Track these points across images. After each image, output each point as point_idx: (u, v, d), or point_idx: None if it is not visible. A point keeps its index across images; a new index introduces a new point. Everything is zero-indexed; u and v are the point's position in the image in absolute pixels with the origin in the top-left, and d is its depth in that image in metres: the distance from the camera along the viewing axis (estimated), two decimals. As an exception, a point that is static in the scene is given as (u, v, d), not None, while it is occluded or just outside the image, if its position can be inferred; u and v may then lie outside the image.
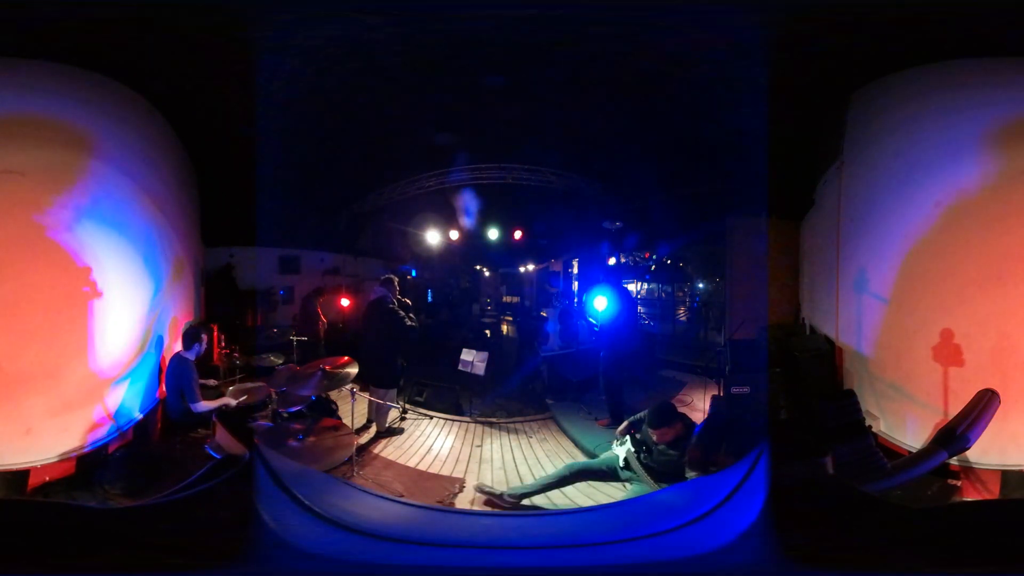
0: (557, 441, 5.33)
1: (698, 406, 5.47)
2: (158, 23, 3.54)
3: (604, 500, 3.90)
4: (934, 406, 3.84)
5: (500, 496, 3.95)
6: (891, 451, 3.93)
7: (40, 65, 3.75)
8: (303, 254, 7.35)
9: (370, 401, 5.24)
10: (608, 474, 3.91)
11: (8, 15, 3.28)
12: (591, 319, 6.35)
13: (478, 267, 9.32)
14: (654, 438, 3.72)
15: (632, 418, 4.05)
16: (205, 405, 4.26)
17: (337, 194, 7.52)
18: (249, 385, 4.70)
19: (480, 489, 4.07)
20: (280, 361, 5.29)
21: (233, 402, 4.36)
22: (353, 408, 4.87)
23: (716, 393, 5.25)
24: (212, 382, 4.77)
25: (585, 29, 4.05)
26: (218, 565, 2.24)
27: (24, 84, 3.69)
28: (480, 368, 5.83)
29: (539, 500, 3.93)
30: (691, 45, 4.06)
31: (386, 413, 5.31)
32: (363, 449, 4.79)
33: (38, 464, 3.50)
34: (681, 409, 4.19)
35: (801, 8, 3.49)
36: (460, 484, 4.29)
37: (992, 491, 3.51)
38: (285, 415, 4.40)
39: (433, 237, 7.83)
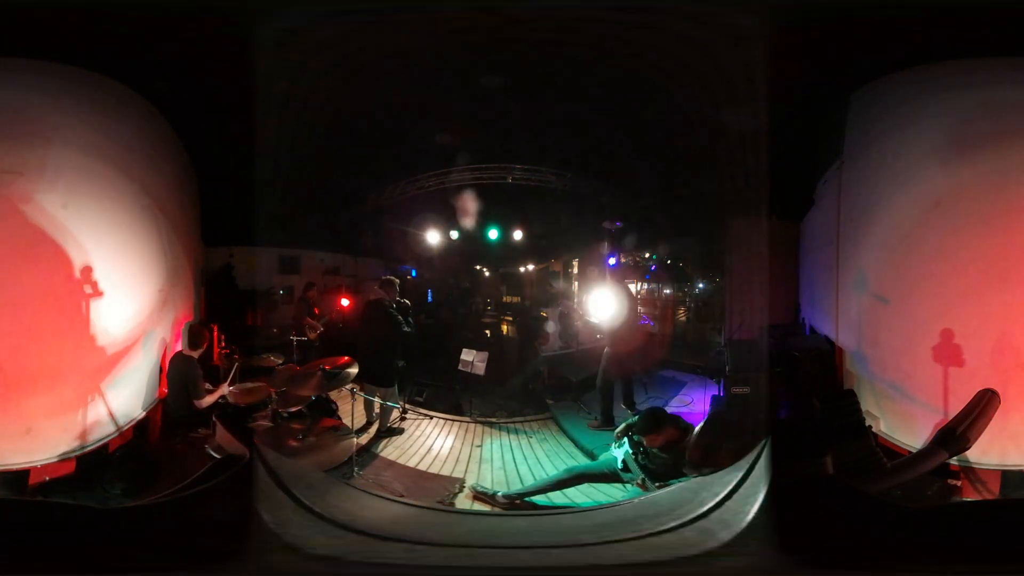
0: (557, 441, 5.32)
1: (698, 406, 5.47)
2: (158, 23, 3.54)
3: (604, 500, 3.90)
4: (934, 406, 3.83)
5: (494, 496, 3.95)
6: (891, 451, 3.92)
7: (40, 65, 3.75)
8: (303, 254, 7.34)
9: (367, 400, 5.24)
10: (609, 476, 3.91)
11: (8, 15, 3.28)
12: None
13: (478, 267, 9.30)
14: (645, 443, 3.73)
15: (628, 420, 4.05)
16: (209, 399, 4.41)
17: (337, 194, 7.50)
18: (249, 385, 4.71)
19: (475, 489, 4.07)
20: (280, 361, 5.29)
21: (232, 388, 4.51)
22: (353, 408, 4.87)
23: (716, 393, 5.25)
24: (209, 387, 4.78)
25: (585, 28, 4.06)
26: (218, 565, 2.24)
27: (24, 84, 3.69)
28: (480, 368, 5.83)
29: (538, 499, 3.92)
30: (692, 45, 4.06)
31: (387, 412, 5.31)
32: (363, 449, 4.78)
33: (38, 464, 3.51)
34: (681, 409, 4.19)
35: (801, 8, 3.49)
36: (460, 484, 4.28)
37: (992, 491, 3.51)
38: (285, 415, 4.41)
39: (433, 237, 7.81)
